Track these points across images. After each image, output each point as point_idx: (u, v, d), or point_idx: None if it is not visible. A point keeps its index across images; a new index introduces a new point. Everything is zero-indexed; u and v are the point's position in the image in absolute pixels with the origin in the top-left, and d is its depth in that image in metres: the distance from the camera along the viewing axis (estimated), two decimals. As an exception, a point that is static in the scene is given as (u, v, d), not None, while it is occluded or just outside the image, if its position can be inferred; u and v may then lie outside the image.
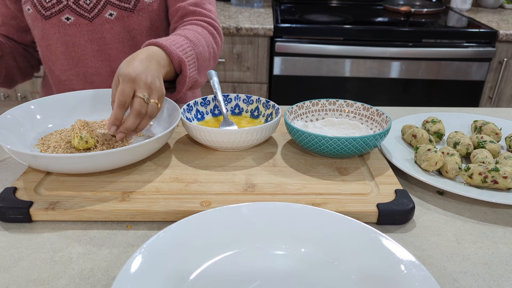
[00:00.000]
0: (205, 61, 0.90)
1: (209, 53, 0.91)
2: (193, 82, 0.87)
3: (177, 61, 0.79)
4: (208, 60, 0.91)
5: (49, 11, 0.92)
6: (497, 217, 0.64)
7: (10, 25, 1.01)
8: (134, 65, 0.70)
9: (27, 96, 2.04)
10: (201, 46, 0.87)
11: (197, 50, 0.86)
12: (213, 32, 0.94)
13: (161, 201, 0.62)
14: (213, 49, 0.93)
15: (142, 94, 0.68)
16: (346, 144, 0.69)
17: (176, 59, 0.79)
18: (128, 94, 0.68)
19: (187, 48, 0.82)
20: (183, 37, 0.84)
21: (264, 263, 0.53)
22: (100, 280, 0.52)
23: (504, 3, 2.35)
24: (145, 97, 0.68)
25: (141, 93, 0.68)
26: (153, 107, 0.70)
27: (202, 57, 0.87)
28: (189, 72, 0.82)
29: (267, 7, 2.23)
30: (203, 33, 0.91)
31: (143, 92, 0.69)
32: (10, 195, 0.62)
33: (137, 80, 0.69)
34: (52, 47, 0.97)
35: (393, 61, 1.91)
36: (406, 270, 0.49)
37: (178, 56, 0.79)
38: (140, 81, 0.69)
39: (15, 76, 1.03)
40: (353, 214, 0.60)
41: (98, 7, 0.92)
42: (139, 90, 0.69)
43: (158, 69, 0.74)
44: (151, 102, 0.70)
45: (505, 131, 0.86)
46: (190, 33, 0.87)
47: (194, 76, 0.85)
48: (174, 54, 0.79)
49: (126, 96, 0.68)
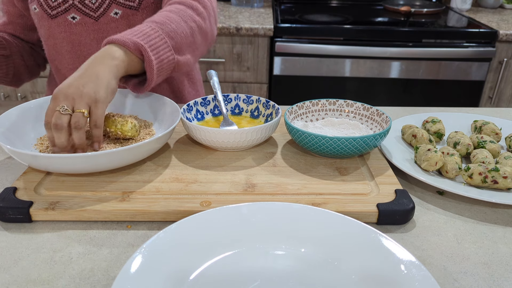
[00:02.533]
0: (186, 36, 0.82)
1: (190, 28, 0.83)
2: (173, 65, 0.80)
3: (133, 48, 0.73)
4: (191, 35, 0.84)
5: (55, 10, 0.93)
6: (497, 217, 0.64)
7: (17, 24, 1.01)
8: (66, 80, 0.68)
9: (27, 96, 2.04)
10: (173, 23, 0.80)
11: (168, 28, 0.79)
12: (192, 5, 0.87)
13: (161, 201, 0.62)
14: (195, 22, 0.85)
15: (60, 106, 0.65)
16: (346, 144, 0.69)
17: (132, 46, 0.73)
18: (48, 113, 0.66)
19: (149, 31, 0.76)
20: (146, 23, 0.79)
21: (264, 263, 0.53)
22: (100, 280, 0.52)
23: (504, 3, 2.35)
24: (61, 109, 0.65)
25: (59, 107, 0.65)
26: (76, 116, 0.65)
27: (177, 34, 0.80)
28: (158, 55, 0.76)
29: (267, 7, 2.23)
30: (178, 9, 0.84)
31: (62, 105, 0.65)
32: (10, 195, 0.62)
33: (57, 96, 0.66)
34: (58, 46, 0.97)
35: (393, 61, 1.91)
36: (406, 270, 0.49)
37: (133, 42, 0.73)
38: (60, 95, 0.66)
39: (22, 75, 1.03)
40: (353, 214, 0.60)
41: (103, 6, 0.92)
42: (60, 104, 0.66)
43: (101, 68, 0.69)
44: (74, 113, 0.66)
45: (505, 131, 0.86)
46: (159, 15, 0.82)
47: (168, 57, 0.78)
48: (128, 42, 0.73)
49: (46, 115, 0.66)
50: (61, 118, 0.65)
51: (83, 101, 0.66)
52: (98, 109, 0.67)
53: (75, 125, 0.65)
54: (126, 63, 0.73)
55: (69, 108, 0.65)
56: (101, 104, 0.67)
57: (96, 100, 0.67)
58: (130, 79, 0.81)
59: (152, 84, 0.78)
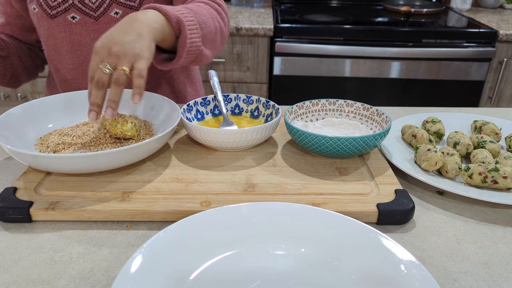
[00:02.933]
0: (211, 32, 0.85)
1: (215, 26, 0.86)
2: (198, 53, 0.81)
3: (174, 20, 0.75)
4: (215, 34, 0.87)
5: (55, 10, 0.92)
6: (497, 217, 0.64)
7: (15, 25, 1.01)
8: (104, 35, 0.68)
9: (27, 96, 2.04)
10: (203, 16, 0.83)
11: (200, 19, 0.81)
12: (217, 8, 0.91)
13: (161, 201, 0.62)
14: (219, 23, 0.89)
15: (103, 65, 0.66)
16: (346, 144, 0.69)
17: (174, 18, 0.74)
18: (92, 67, 0.67)
19: (186, 13, 0.78)
20: (182, 6, 0.81)
21: (264, 263, 0.53)
22: (100, 280, 0.52)
23: (504, 3, 2.35)
24: (104, 68, 0.65)
25: (102, 65, 0.66)
26: (118, 73, 0.66)
27: (206, 26, 0.82)
28: (190, 35, 0.77)
29: (267, 7, 2.23)
30: (206, 7, 0.87)
31: (104, 63, 0.66)
32: (10, 195, 0.62)
33: (100, 51, 0.67)
34: (57, 46, 0.97)
35: (393, 61, 1.91)
36: (406, 270, 0.49)
37: (175, 15, 0.75)
38: (103, 51, 0.67)
39: (20, 76, 1.03)
40: (353, 214, 0.60)
41: (103, 6, 0.92)
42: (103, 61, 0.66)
43: (142, 27, 0.69)
44: (117, 70, 0.66)
45: (505, 131, 0.86)
46: (191, 5, 0.84)
47: (197, 43, 0.79)
48: (170, 13, 0.74)
49: (91, 69, 0.67)
50: (102, 76, 0.66)
51: (126, 59, 0.66)
52: (142, 64, 0.67)
53: (115, 80, 0.66)
54: (165, 31, 0.74)
55: (111, 66, 0.66)
56: (145, 59, 0.68)
57: (140, 56, 0.67)
58: (158, 54, 0.82)
59: (179, 62, 0.79)
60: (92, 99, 0.66)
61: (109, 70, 0.65)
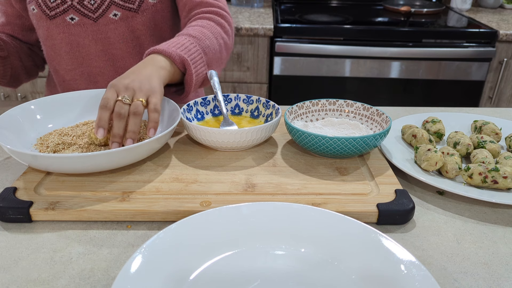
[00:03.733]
0: (216, 53, 0.88)
1: (219, 44, 0.90)
2: (204, 78, 0.86)
3: (178, 61, 0.79)
4: (219, 52, 0.90)
5: (54, 11, 0.92)
6: (497, 217, 0.64)
7: (15, 24, 1.01)
8: (121, 76, 0.73)
9: (27, 96, 2.04)
10: (207, 39, 0.86)
11: (203, 44, 0.84)
12: (221, 22, 0.93)
13: (161, 201, 0.62)
14: (223, 39, 0.92)
15: (122, 96, 0.69)
16: (346, 144, 0.69)
17: (177, 59, 0.79)
18: (108, 97, 0.69)
19: (190, 46, 0.82)
20: (185, 36, 0.84)
21: (264, 263, 0.53)
22: (100, 280, 0.52)
23: (504, 3, 2.35)
24: (123, 99, 0.68)
25: (121, 96, 0.69)
26: (136, 104, 0.69)
27: (210, 50, 0.86)
28: (195, 69, 0.81)
29: (267, 7, 2.23)
30: (209, 25, 0.90)
31: (123, 95, 0.69)
32: (10, 195, 0.62)
33: (118, 85, 0.70)
34: (56, 47, 0.97)
35: (393, 61, 1.91)
36: (406, 270, 0.49)
37: (178, 56, 0.79)
38: (121, 85, 0.70)
39: (20, 75, 1.03)
40: (353, 214, 0.60)
41: (102, 8, 0.92)
42: (120, 94, 0.69)
43: (152, 71, 0.74)
44: (134, 101, 0.69)
45: (505, 131, 0.86)
46: (194, 29, 0.87)
47: (202, 72, 0.84)
48: (174, 54, 0.78)
49: (106, 99, 0.69)
50: (123, 107, 0.68)
51: (142, 93, 0.70)
52: (156, 98, 0.71)
53: (134, 111, 0.69)
54: (171, 73, 0.79)
55: (130, 98, 0.69)
56: (158, 94, 0.72)
57: (154, 91, 0.71)
58: (168, 88, 0.87)
59: (188, 95, 0.85)
60: (115, 130, 0.68)
61: (128, 101, 0.69)
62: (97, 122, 0.68)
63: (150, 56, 0.78)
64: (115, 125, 0.68)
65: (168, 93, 0.86)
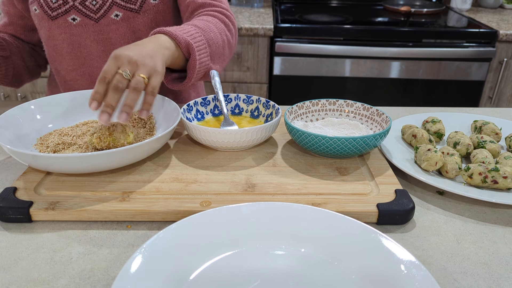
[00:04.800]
0: (219, 47, 0.87)
1: (223, 40, 0.89)
2: (206, 69, 0.84)
3: (184, 45, 0.78)
4: (222, 47, 0.89)
5: (56, 12, 0.93)
6: (497, 217, 0.64)
7: (17, 25, 1.02)
8: (125, 47, 0.71)
9: (27, 96, 2.04)
10: (211, 32, 0.85)
11: (208, 36, 0.84)
12: (225, 20, 0.93)
13: (161, 201, 0.62)
14: (227, 36, 0.91)
15: (123, 69, 0.67)
16: (346, 144, 0.69)
17: (183, 43, 0.77)
18: (108, 70, 0.67)
19: (195, 34, 0.81)
20: (191, 25, 0.83)
21: (264, 263, 0.53)
22: (100, 280, 0.52)
23: (504, 3, 2.35)
24: (124, 73, 0.67)
25: (122, 69, 0.67)
26: (138, 80, 0.67)
27: (214, 43, 0.85)
28: (199, 56, 0.80)
29: (267, 7, 2.23)
30: (214, 21, 0.89)
31: (124, 68, 0.67)
32: (10, 195, 0.62)
33: (121, 57, 0.68)
34: (58, 47, 0.97)
35: (393, 61, 1.91)
36: (406, 270, 0.49)
37: (184, 39, 0.77)
38: (124, 58, 0.68)
39: (22, 75, 1.03)
40: (353, 214, 0.60)
41: (104, 8, 0.92)
42: (122, 67, 0.68)
43: (156, 49, 0.73)
44: (135, 76, 0.67)
45: (505, 131, 0.86)
46: (199, 22, 0.86)
47: (206, 62, 0.83)
48: (180, 37, 0.77)
49: (106, 72, 0.67)
50: (121, 81, 0.67)
51: (145, 69, 0.68)
52: (156, 79, 0.69)
53: (134, 86, 0.67)
54: (175, 55, 0.77)
55: (131, 73, 0.68)
56: (160, 75, 0.70)
57: (156, 71, 0.70)
58: (169, 74, 0.85)
59: (190, 83, 0.82)
60: (108, 100, 0.66)
61: (128, 76, 0.67)
62: (92, 94, 0.67)
63: (156, 35, 0.77)
64: (109, 95, 0.66)
65: (169, 78, 0.84)
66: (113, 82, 0.66)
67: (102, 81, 0.67)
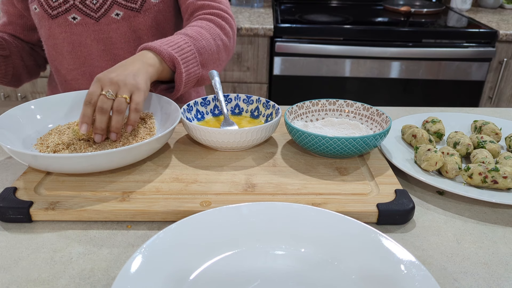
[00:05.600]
0: (212, 53, 0.88)
1: (217, 46, 0.90)
2: (198, 78, 0.86)
3: (168, 59, 0.79)
4: (217, 53, 0.90)
5: (56, 11, 0.93)
6: (497, 217, 0.64)
7: (17, 24, 1.02)
8: (109, 69, 0.73)
9: (27, 96, 2.04)
10: (203, 40, 0.86)
11: (199, 45, 0.84)
12: (220, 24, 0.93)
13: (161, 201, 0.62)
14: (222, 41, 0.92)
15: (106, 91, 0.69)
16: (346, 144, 0.69)
17: (167, 57, 0.79)
18: (93, 92, 0.70)
19: (184, 45, 0.82)
20: (181, 35, 0.84)
21: (264, 263, 0.53)
22: (100, 280, 0.52)
23: (504, 3, 2.35)
24: (107, 94, 0.69)
25: (105, 90, 0.70)
26: (119, 101, 0.70)
27: (206, 51, 0.86)
28: (186, 68, 0.81)
29: (267, 7, 2.23)
30: (208, 26, 0.90)
31: (107, 89, 0.70)
32: (10, 195, 0.62)
33: (103, 80, 0.71)
34: (58, 47, 0.97)
35: (393, 61, 1.91)
36: (406, 270, 0.49)
37: (168, 54, 0.79)
38: (106, 80, 0.71)
39: (22, 75, 1.03)
40: (353, 214, 0.60)
41: (104, 7, 0.92)
42: (104, 88, 0.70)
43: (139, 68, 0.75)
44: (118, 97, 0.70)
45: (505, 131, 0.86)
46: (191, 29, 0.87)
47: (195, 71, 0.84)
48: (164, 52, 0.78)
49: (91, 94, 0.69)
50: (106, 102, 0.69)
51: (126, 88, 0.71)
52: (139, 96, 0.71)
53: (117, 108, 0.70)
54: (159, 70, 0.79)
55: (113, 93, 0.70)
56: (142, 92, 0.72)
57: (138, 89, 0.72)
58: (158, 85, 0.87)
59: (178, 93, 0.84)
60: (97, 124, 0.70)
61: (111, 96, 0.69)
62: (81, 118, 0.69)
63: (141, 52, 0.79)
64: (97, 119, 0.69)
65: (157, 90, 0.86)
66: (98, 104, 0.69)
67: (88, 103, 0.69)
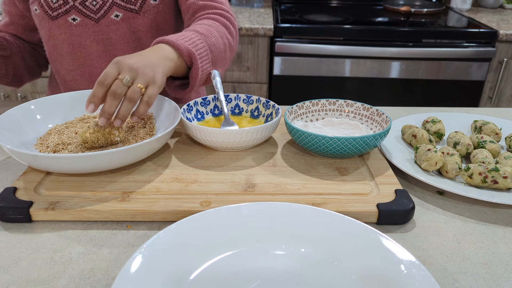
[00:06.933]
0: (220, 52, 0.88)
1: (224, 44, 0.89)
2: (208, 75, 0.85)
3: (186, 54, 0.78)
4: (224, 51, 0.90)
5: (56, 12, 0.93)
6: (497, 217, 0.64)
7: (18, 24, 1.02)
8: (128, 55, 0.71)
9: (27, 96, 2.04)
10: (213, 37, 0.86)
11: (209, 42, 0.84)
12: (225, 23, 0.93)
13: (161, 201, 0.62)
14: (228, 39, 0.92)
15: (123, 76, 0.67)
16: (346, 144, 0.69)
17: (185, 52, 0.78)
18: (109, 74, 0.67)
19: (197, 41, 0.81)
20: (192, 32, 0.83)
21: (264, 263, 0.53)
22: (100, 280, 0.52)
23: (504, 3, 2.35)
24: (124, 79, 0.67)
25: (122, 75, 0.67)
26: (134, 90, 0.68)
27: (216, 48, 0.86)
28: (201, 64, 0.81)
29: (267, 7, 2.23)
30: (215, 24, 0.90)
31: (124, 74, 0.67)
32: (10, 195, 0.62)
33: (122, 64, 0.68)
34: (58, 47, 0.97)
35: (393, 61, 1.91)
36: (406, 270, 0.49)
37: (186, 49, 0.78)
38: (125, 64, 0.68)
39: (23, 75, 1.03)
40: (353, 214, 0.60)
41: (104, 8, 0.92)
42: (122, 73, 0.68)
43: (158, 60, 0.73)
44: (133, 86, 0.68)
45: (505, 131, 0.86)
46: (201, 27, 0.86)
47: (207, 68, 0.83)
48: (182, 47, 0.78)
49: (106, 75, 0.67)
50: (121, 87, 0.67)
51: (144, 79, 0.69)
52: (153, 90, 0.70)
53: (130, 97, 0.68)
54: (177, 65, 0.78)
55: (130, 80, 0.68)
56: (158, 87, 0.71)
57: (154, 82, 0.70)
58: (172, 82, 0.86)
59: (192, 90, 0.83)
60: (106, 107, 0.67)
61: (127, 82, 0.67)
62: (90, 96, 0.67)
63: (158, 45, 0.77)
64: (108, 102, 0.67)
65: (171, 86, 0.85)
66: (112, 87, 0.67)
67: (101, 83, 0.67)
